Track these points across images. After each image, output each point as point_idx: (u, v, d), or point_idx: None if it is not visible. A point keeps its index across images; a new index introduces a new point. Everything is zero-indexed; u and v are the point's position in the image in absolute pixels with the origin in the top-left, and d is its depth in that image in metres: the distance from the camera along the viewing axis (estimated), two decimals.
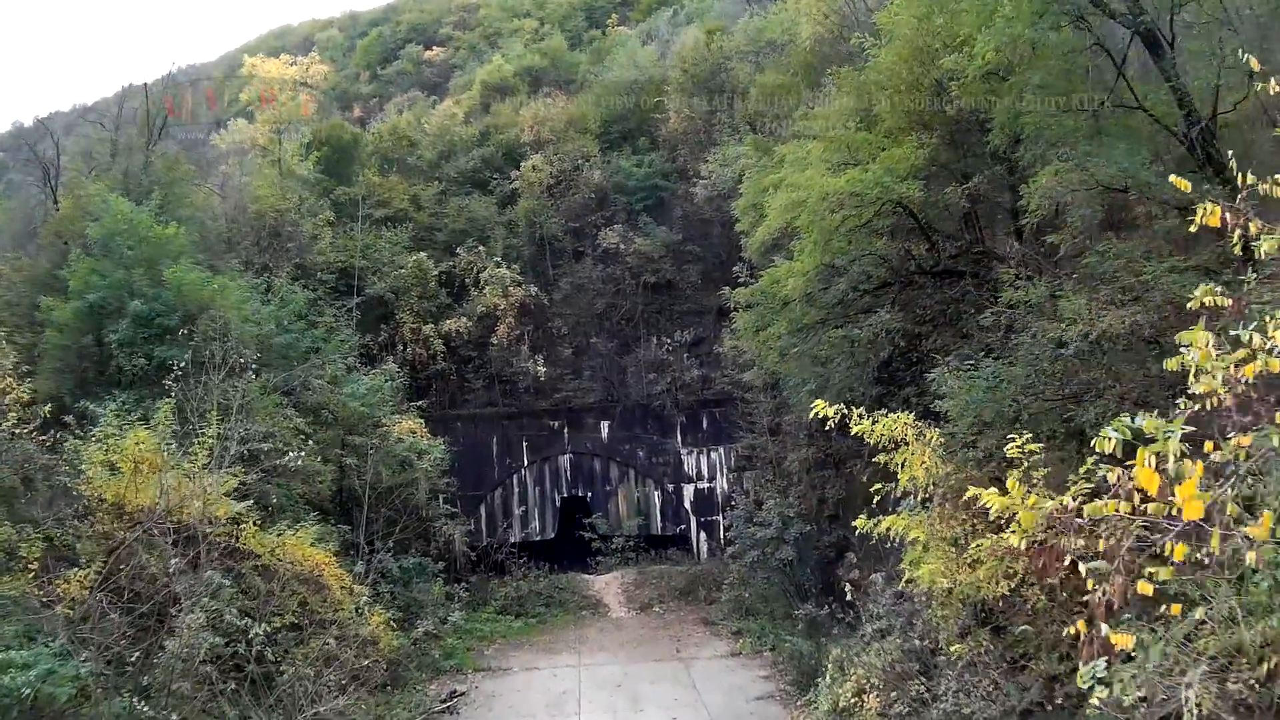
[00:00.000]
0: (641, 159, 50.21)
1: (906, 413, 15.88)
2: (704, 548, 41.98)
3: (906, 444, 15.63)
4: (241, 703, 17.07)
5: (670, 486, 42.89)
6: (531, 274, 45.92)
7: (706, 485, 42.83)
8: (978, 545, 14.03)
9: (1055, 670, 13.34)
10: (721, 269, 44.14)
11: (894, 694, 17.55)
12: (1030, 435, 13.44)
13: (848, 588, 21.33)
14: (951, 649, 14.76)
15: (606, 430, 43.39)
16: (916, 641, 18.72)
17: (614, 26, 76.25)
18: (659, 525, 42.95)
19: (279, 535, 20.81)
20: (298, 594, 20.34)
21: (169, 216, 31.63)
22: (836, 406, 15.27)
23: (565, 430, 43.50)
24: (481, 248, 45.48)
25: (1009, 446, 13.43)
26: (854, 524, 17.02)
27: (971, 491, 14.15)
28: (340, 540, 26.16)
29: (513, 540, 41.26)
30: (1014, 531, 13.58)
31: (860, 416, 15.54)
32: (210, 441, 20.43)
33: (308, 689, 17.56)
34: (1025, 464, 13.26)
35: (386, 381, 33.90)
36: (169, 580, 16.72)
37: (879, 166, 21.49)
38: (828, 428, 15.88)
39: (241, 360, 23.24)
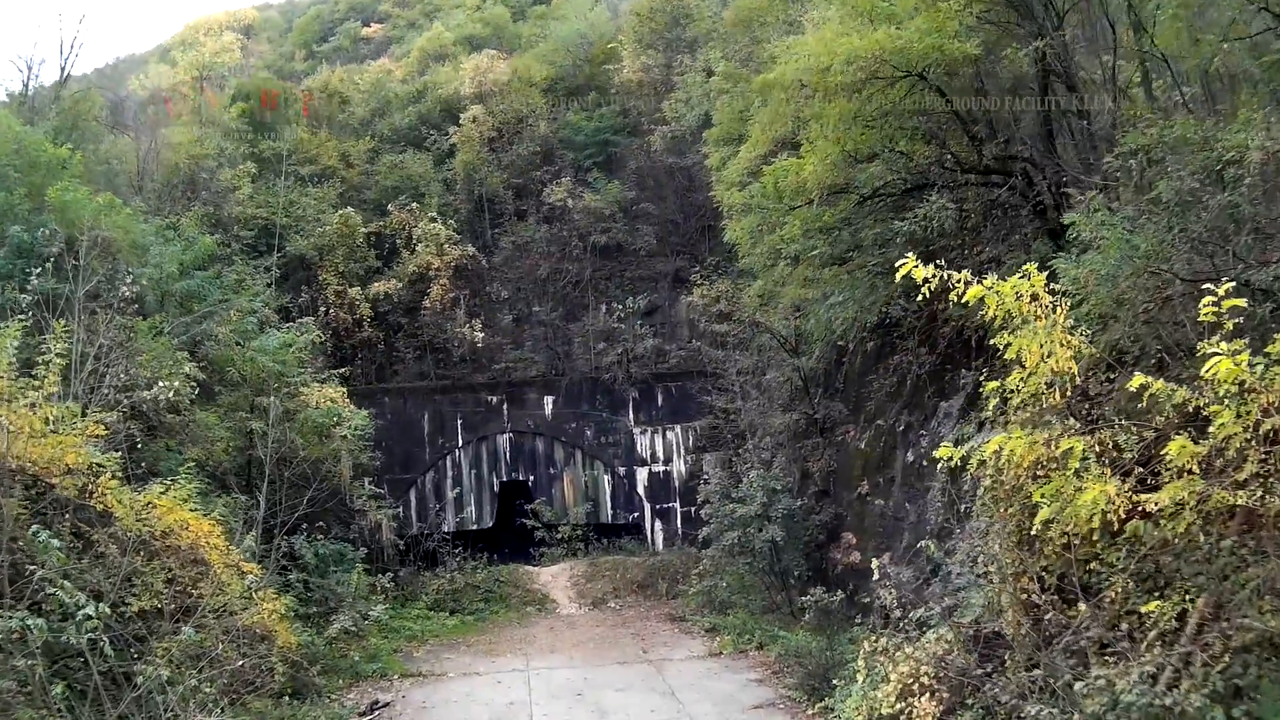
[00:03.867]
0: (591, 113, 46.11)
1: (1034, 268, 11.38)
2: (659, 537, 37.74)
3: (1029, 321, 11.19)
4: (80, 713, 12.36)
5: (621, 469, 38.51)
6: (469, 234, 41.80)
7: (662, 468, 38.50)
8: (1175, 450, 9.69)
9: None
10: (678, 232, 41.36)
11: (969, 695, 13.27)
12: (1228, 286, 9.32)
13: (875, 568, 16.96)
14: (1147, 609, 10.23)
15: (550, 406, 38.83)
16: (974, 628, 14.45)
17: None
18: (609, 513, 38.56)
19: (146, 495, 15.99)
20: (168, 570, 15.59)
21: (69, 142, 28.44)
22: (932, 268, 10.96)
23: (504, 406, 38.85)
24: (415, 205, 41.14)
25: (1204, 305, 9.29)
26: (935, 455, 12.68)
27: (1138, 380, 10.00)
28: (243, 518, 21.65)
29: (446, 528, 36.59)
30: (1221, 426, 9.53)
31: (963, 282, 11.14)
32: (59, 362, 15.79)
33: (174, 695, 12.82)
34: (1227, 328, 9.30)
35: (302, 335, 29.26)
36: None
37: (922, 21, 17.24)
38: (922, 295, 11.47)
39: (127, 291, 19.05)
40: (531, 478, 38.73)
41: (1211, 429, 9.49)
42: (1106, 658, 10.66)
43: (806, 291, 23.26)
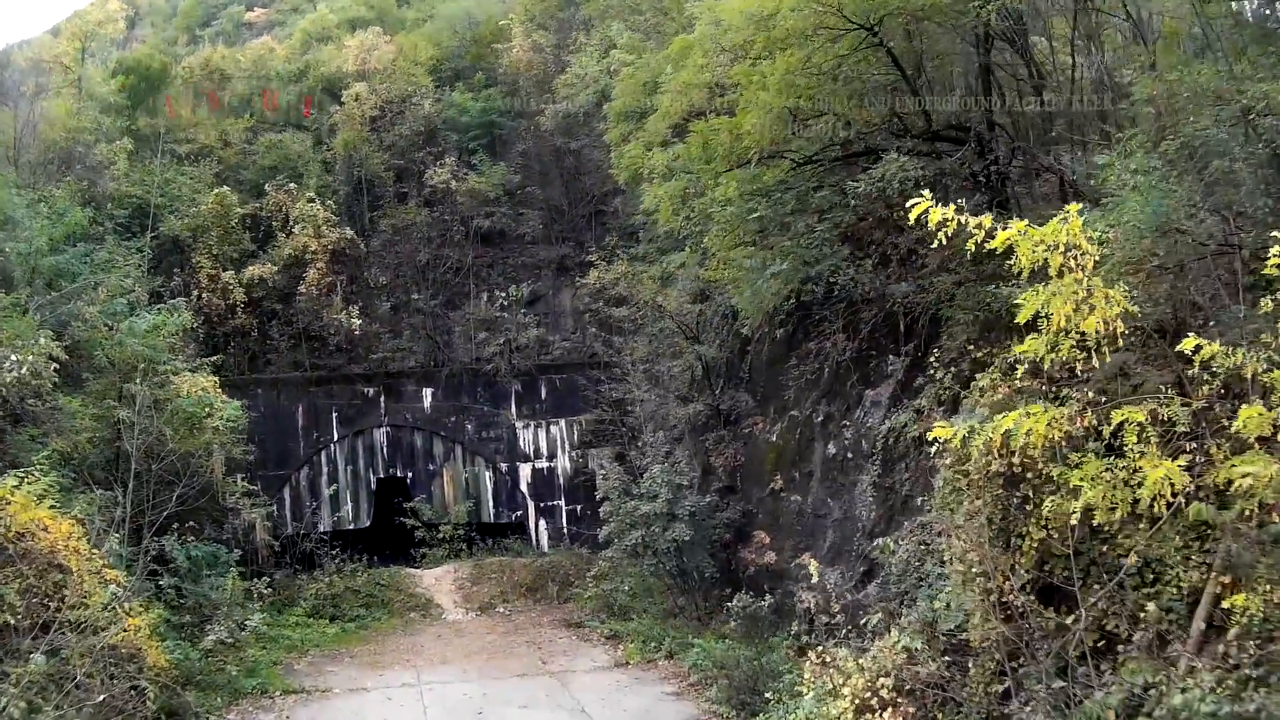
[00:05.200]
0: (478, 94, 44.50)
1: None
2: (545, 537, 36.35)
3: (1063, 273, 9.96)
4: None
5: (504, 466, 36.97)
6: (348, 217, 39.63)
7: (546, 465, 37.09)
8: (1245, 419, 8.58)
9: None
10: (563, 219, 40.54)
11: (937, 708, 12.10)
12: None
13: (812, 570, 15.62)
14: (1234, 603, 8.99)
15: (429, 399, 37.09)
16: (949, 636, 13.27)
17: None
18: (491, 511, 36.97)
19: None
20: (23, 577, 13.53)
21: None
22: (951, 209, 9.72)
23: (382, 399, 36.98)
24: (293, 185, 39.03)
25: (1273, 254, 8.25)
26: (931, 435, 11.43)
27: (1190, 342, 8.92)
28: (108, 516, 19.62)
29: (323, 528, 34.59)
30: None
31: (979, 227, 9.86)
32: None
33: None
34: None
35: (173, 315, 27.16)
36: None
37: None
38: (937, 243, 10.11)
39: None
40: (410, 474, 36.97)
41: None
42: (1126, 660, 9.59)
43: (740, 265, 21.84)
